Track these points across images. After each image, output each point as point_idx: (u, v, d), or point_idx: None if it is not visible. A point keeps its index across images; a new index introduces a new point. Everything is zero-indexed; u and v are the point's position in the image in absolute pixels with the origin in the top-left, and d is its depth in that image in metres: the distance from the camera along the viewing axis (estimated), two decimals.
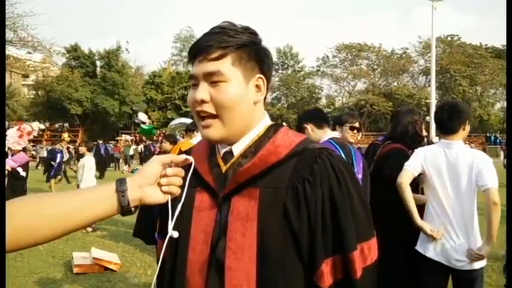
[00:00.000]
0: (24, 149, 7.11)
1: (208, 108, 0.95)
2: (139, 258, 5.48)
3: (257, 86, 1.00)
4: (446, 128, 2.59)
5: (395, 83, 42.17)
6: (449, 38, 39.99)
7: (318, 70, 43.06)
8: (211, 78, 0.95)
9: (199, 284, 0.95)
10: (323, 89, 43.54)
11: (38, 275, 4.77)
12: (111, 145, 25.20)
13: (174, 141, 5.17)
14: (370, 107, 38.94)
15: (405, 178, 2.55)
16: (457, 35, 40.17)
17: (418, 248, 2.60)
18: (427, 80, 38.38)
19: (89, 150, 7.89)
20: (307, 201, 0.93)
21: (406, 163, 2.61)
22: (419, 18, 64.72)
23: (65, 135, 32.11)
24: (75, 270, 4.81)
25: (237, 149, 1.01)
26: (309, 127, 2.80)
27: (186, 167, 0.93)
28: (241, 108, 0.96)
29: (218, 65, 0.94)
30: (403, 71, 41.57)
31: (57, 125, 36.23)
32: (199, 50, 0.97)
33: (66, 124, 36.18)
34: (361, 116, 33.47)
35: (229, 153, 1.02)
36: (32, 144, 20.27)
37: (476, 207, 2.49)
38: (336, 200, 0.93)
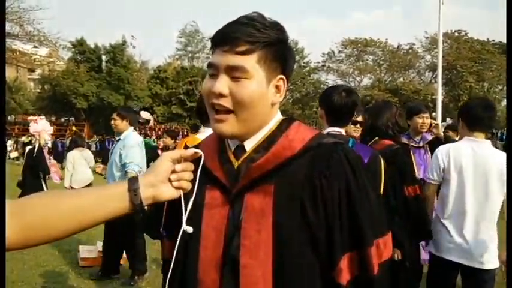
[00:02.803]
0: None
1: (225, 102, 0.91)
2: None
3: (277, 87, 0.97)
4: (484, 123, 2.49)
5: (401, 79, 41.77)
6: (456, 34, 39.54)
7: (323, 65, 42.78)
8: (234, 73, 0.90)
9: (213, 283, 0.93)
10: (328, 84, 43.32)
11: (44, 267, 4.82)
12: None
13: (174, 136, 5.18)
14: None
15: (432, 191, 2.59)
16: (465, 31, 39.70)
17: (430, 247, 2.60)
18: (434, 75, 38.00)
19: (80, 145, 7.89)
20: (324, 196, 0.91)
21: (429, 174, 2.58)
22: (426, 13, 64.20)
23: (73, 128, 32.28)
24: (81, 263, 4.87)
25: (249, 144, 0.98)
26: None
27: (197, 161, 0.91)
28: (258, 108, 0.93)
29: (243, 61, 0.90)
30: (410, 66, 41.19)
31: (62, 119, 36.39)
32: (225, 39, 0.92)
33: (72, 118, 36.34)
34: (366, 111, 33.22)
35: (241, 148, 0.99)
36: None
37: (499, 211, 2.46)
38: (353, 196, 0.92)
